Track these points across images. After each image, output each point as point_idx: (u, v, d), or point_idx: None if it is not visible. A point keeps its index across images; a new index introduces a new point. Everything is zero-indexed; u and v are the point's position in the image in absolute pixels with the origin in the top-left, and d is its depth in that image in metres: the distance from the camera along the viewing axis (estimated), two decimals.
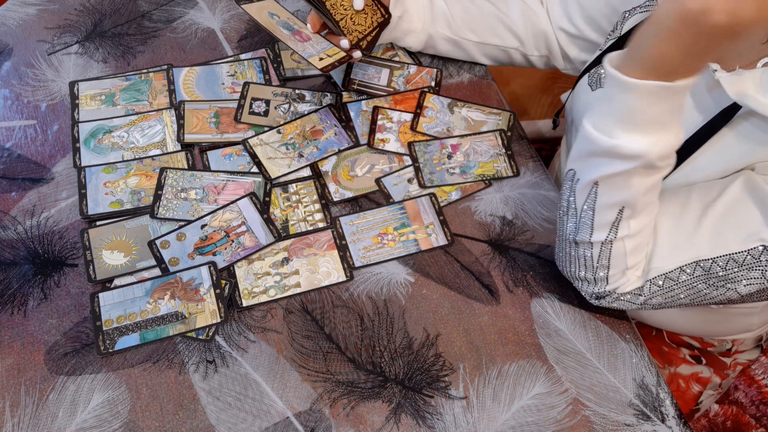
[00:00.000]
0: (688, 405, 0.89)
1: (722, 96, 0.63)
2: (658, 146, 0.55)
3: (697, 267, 0.63)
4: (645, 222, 0.63)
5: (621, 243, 0.63)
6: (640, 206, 0.61)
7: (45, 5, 0.98)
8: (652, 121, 0.55)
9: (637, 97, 0.54)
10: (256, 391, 0.67)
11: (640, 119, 0.55)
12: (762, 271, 0.60)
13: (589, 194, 0.62)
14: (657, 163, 0.57)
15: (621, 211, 0.61)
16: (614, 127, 0.56)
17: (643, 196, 0.60)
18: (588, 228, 0.64)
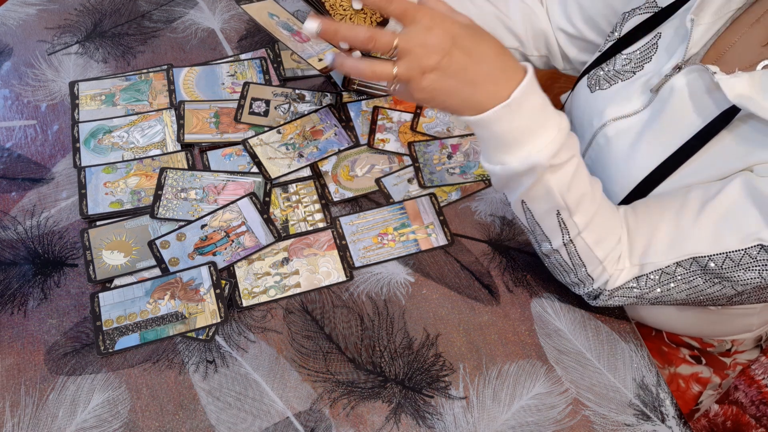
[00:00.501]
0: (688, 405, 0.89)
1: (721, 98, 0.63)
2: (544, 150, 0.57)
3: (693, 262, 0.63)
4: (589, 214, 0.64)
5: (579, 240, 0.65)
6: (572, 203, 0.62)
7: (45, 5, 0.98)
8: (522, 135, 0.58)
9: (492, 127, 0.58)
10: (256, 391, 0.67)
11: (511, 139, 0.58)
12: (759, 270, 0.60)
13: (525, 211, 0.65)
14: (554, 161, 0.58)
15: (558, 213, 0.63)
16: (498, 155, 0.60)
17: (567, 194, 0.61)
18: (544, 238, 0.67)
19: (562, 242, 0.66)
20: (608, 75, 0.78)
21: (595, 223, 0.64)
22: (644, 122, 0.72)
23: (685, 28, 0.70)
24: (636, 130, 0.72)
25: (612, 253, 0.66)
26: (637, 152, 0.71)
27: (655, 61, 0.74)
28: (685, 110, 0.68)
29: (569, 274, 0.69)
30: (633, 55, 0.77)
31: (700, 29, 0.69)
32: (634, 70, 0.76)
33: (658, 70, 0.72)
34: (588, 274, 0.67)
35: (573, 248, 0.66)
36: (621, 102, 0.75)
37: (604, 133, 0.75)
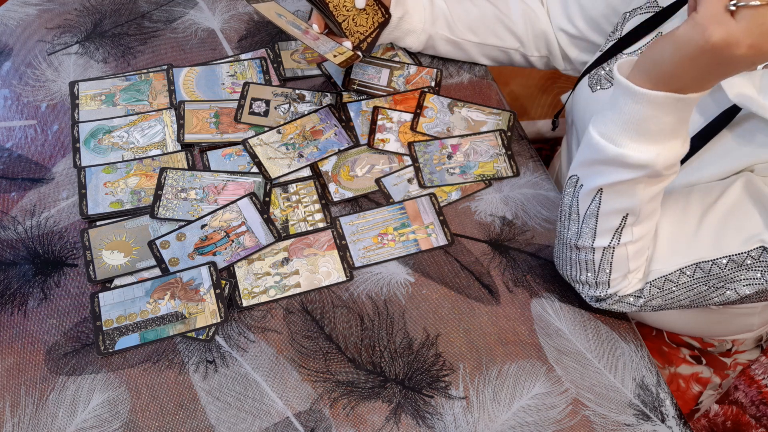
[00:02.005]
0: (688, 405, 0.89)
1: (723, 97, 0.63)
2: (664, 156, 0.55)
3: (697, 269, 0.63)
4: (648, 228, 0.63)
5: (624, 248, 0.63)
6: (644, 214, 0.61)
7: (45, 5, 0.98)
8: (660, 131, 0.55)
9: (647, 108, 0.54)
10: (256, 391, 0.67)
11: (649, 129, 0.55)
12: (762, 271, 0.60)
13: (593, 201, 0.62)
14: (663, 172, 0.57)
15: (625, 218, 0.61)
16: (621, 136, 0.56)
17: (647, 204, 0.60)
18: (591, 233, 0.64)
19: (608, 244, 0.64)
20: (609, 75, 0.78)
21: (645, 238, 0.64)
22: None
23: None
24: None
25: (640, 267, 0.65)
26: None
27: None
28: None
29: (588, 273, 0.68)
30: (634, 55, 0.77)
31: None
32: None
33: None
34: (608, 280, 0.66)
35: (611, 254, 0.64)
36: None
37: None
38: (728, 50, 0.48)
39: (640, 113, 0.54)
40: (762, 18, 0.46)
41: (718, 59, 0.49)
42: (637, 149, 0.56)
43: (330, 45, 0.79)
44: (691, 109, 0.55)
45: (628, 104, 0.55)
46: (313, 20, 0.81)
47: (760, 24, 0.46)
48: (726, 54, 0.48)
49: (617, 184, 0.59)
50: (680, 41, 0.50)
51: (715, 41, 0.48)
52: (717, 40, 0.48)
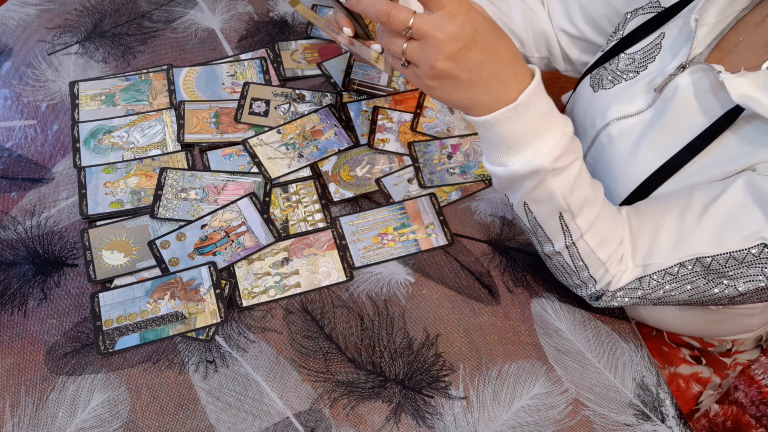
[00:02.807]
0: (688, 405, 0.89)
1: (726, 98, 0.63)
2: (547, 153, 0.57)
3: (697, 263, 0.63)
4: (591, 216, 0.63)
5: (582, 242, 0.64)
6: (574, 206, 0.62)
7: (45, 5, 0.98)
8: (526, 138, 0.57)
9: (497, 129, 0.57)
10: (256, 391, 0.67)
11: (515, 141, 0.58)
12: (761, 268, 0.60)
13: (527, 213, 0.64)
14: (557, 165, 0.58)
15: (561, 216, 0.63)
16: (502, 157, 0.59)
17: (570, 196, 0.61)
18: (546, 240, 0.66)
19: (564, 244, 0.65)
20: (611, 74, 0.78)
21: (597, 225, 0.64)
22: (647, 122, 0.72)
23: (689, 28, 0.70)
24: (639, 129, 0.72)
25: (614, 254, 0.66)
26: (639, 152, 0.71)
27: (658, 61, 0.74)
28: (689, 110, 0.67)
29: (571, 276, 0.69)
30: (636, 55, 0.77)
31: (704, 29, 0.69)
32: (638, 69, 0.76)
33: (662, 69, 0.72)
34: (590, 275, 0.67)
35: (575, 250, 0.66)
36: (624, 102, 0.75)
37: (608, 132, 0.75)
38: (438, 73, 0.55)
39: (498, 135, 0.58)
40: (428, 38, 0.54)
41: (453, 78, 0.55)
42: (519, 162, 0.58)
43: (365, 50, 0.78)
44: (541, 104, 0.57)
45: (485, 133, 0.59)
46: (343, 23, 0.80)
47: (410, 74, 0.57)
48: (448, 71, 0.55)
49: (530, 193, 0.61)
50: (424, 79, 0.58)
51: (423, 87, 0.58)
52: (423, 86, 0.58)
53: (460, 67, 0.54)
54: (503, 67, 0.55)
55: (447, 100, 0.58)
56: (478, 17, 0.55)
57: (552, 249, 0.67)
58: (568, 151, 0.59)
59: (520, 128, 0.57)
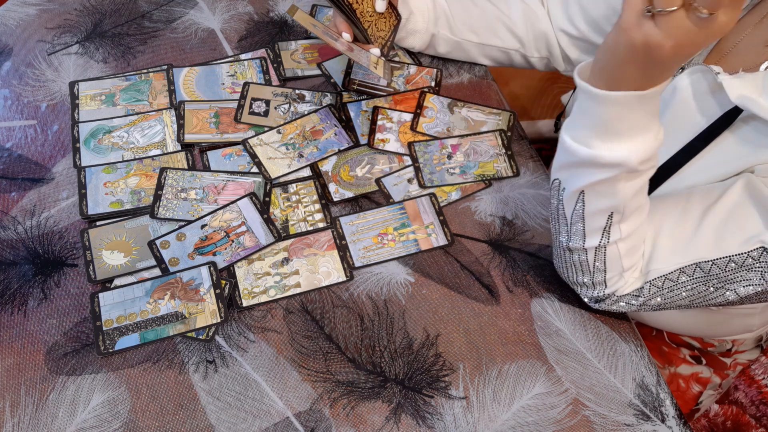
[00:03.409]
0: (688, 405, 0.89)
1: (724, 99, 0.63)
2: (637, 152, 0.56)
3: (696, 269, 0.63)
4: (636, 224, 0.63)
5: (614, 247, 0.63)
6: (628, 210, 0.61)
7: (45, 5, 0.98)
8: (628, 129, 0.55)
9: (609, 108, 0.54)
10: (256, 391, 0.67)
11: (616, 128, 0.55)
12: (761, 272, 0.60)
13: (577, 202, 0.62)
14: (639, 167, 0.57)
15: (610, 216, 0.61)
16: (592, 138, 0.57)
17: (630, 200, 0.60)
18: (580, 235, 0.64)
19: (598, 244, 0.64)
20: None
21: (635, 235, 0.63)
22: None
23: None
24: None
25: (636, 264, 0.65)
26: None
27: None
28: (688, 111, 0.68)
29: (584, 275, 0.68)
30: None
31: None
32: None
33: None
34: (604, 279, 0.67)
35: (603, 253, 0.64)
36: None
37: None
38: (653, 52, 0.49)
39: (604, 114, 0.55)
40: (679, 21, 0.47)
41: (647, 60, 0.50)
42: (608, 149, 0.56)
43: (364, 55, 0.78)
44: (655, 103, 0.55)
45: (592, 107, 0.56)
46: (342, 28, 0.79)
47: (678, 27, 0.47)
48: (653, 55, 0.49)
49: (596, 185, 0.59)
50: (611, 46, 0.52)
51: (637, 44, 0.49)
52: (639, 44, 0.49)
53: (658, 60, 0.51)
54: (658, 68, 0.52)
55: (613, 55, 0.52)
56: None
57: (581, 245, 0.65)
58: (653, 158, 0.58)
59: (629, 117, 0.55)
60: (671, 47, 0.48)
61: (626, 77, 0.53)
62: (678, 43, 0.47)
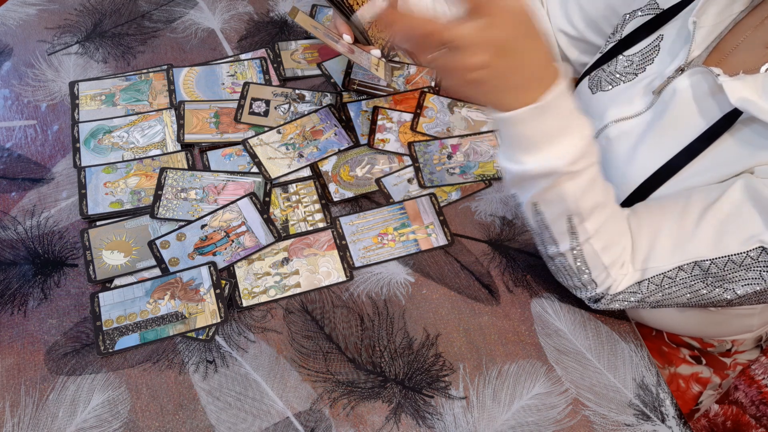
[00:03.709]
0: (688, 405, 0.89)
1: (724, 101, 0.63)
2: (565, 155, 0.57)
3: (695, 266, 0.63)
4: (600, 220, 0.63)
5: (587, 245, 0.64)
6: (584, 210, 0.62)
7: (45, 5, 0.98)
8: (545, 138, 0.57)
9: (517, 126, 0.57)
10: (256, 391, 0.67)
11: (534, 141, 0.58)
12: (760, 271, 0.60)
13: (535, 213, 0.64)
14: (572, 168, 0.58)
15: (570, 219, 0.63)
16: (518, 154, 0.59)
17: (581, 200, 0.61)
18: (551, 241, 0.66)
19: (570, 247, 0.65)
20: (610, 76, 0.78)
21: (605, 229, 0.64)
22: (646, 124, 0.72)
23: (687, 30, 0.70)
24: (637, 132, 0.72)
25: (618, 259, 0.66)
26: (638, 154, 0.71)
27: (657, 63, 0.74)
28: (688, 112, 0.67)
29: (573, 278, 0.69)
30: (634, 57, 0.77)
31: (702, 31, 0.69)
32: (636, 71, 0.76)
33: (661, 72, 0.72)
34: (592, 279, 0.67)
35: (581, 253, 0.65)
36: (623, 104, 0.75)
37: (606, 134, 0.75)
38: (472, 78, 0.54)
39: (517, 132, 0.58)
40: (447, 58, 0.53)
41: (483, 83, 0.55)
42: (535, 161, 0.58)
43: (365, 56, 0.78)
44: (565, 105, 0.57)
45: (505, 128, 0.59)
46: (342, 30, 0.79)
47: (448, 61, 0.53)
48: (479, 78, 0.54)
49: (542, 194, 0.61)
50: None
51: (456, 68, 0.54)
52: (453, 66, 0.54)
53: (491, 75, 0.54)
54: (533, 70, 0.55)
55: (474, 99, 0.59)
56: (512, 22, 0.53)
57: (556, 251, 0.67)
58: (586, 155, 0.58)
59: (541, 128, 0.57)
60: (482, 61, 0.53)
61: (498, 99, 0.57)
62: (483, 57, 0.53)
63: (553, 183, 0.59)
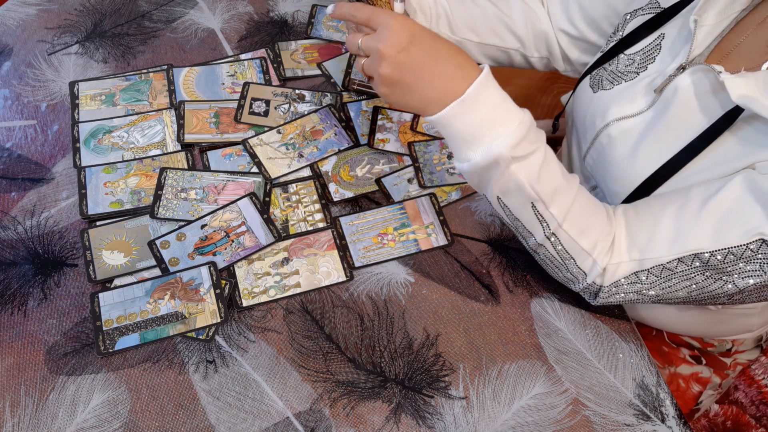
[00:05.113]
0: (688, 405, 0.89)
1: (726, 99, 0.63)
2: (503, 142, 0.60)
3: (695, 258, 0.63)
4: (566, 204, 0.65)
5: (561, 232, 0.66)
6: (545, 195, 0.63)
7: (45, 5, 0.98)
8: (481, 130, 0.60)
9: (452, 122, 0.61)
10: (256, 391, 0.67)
11: (471, 135, 0.61)
12: (760, 263, 0.60)
13: (503, 207, 0.66)
14: (516, 153, 0.60)
15: (534, 206, 0.64)
16: (463, 151, 0.63)
17: (537, 184, 0.62)
18: (527, 233, 0.68)
19: (544, 235, 0.66)
20: (611, 75, 0.78)
21: (574, 214, 0.65)
22: (648, 123, 0.72)
23: (688, 29, 0.70)
24: (639, 130, 0.72)
25: (600, 243, 0.66)
26: (639, 152, 0.71)
27: (658, 62, 0.74)
28: (689, 110, 0.67)
29: (561, 269, 0.69)
30: (636, 56, 0.77)
31: (704, 30, 0.69)
32: (638, 70, 0.76)
33: (662, 70, 0.72)
34: (579, 267, 0.67)
35: (557, 240, 0.66)
36: (624, 102, 0.75)
37: (608, 133, 0.75)
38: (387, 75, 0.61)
39: (454, 130, 0.61)
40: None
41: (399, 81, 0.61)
42: (478, 153, 0.61)
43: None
44: (493, 95, 0.60)
45: (444, 129, 0.63)
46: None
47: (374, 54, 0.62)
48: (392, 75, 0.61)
49: (499, 185, 0.63)
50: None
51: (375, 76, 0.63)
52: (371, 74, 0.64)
53: (403, 70, 0.59)
54: (446, 63, 0.60)
55: (402, 104, 0.63)
56: (415, 25, 0.60)
57: (535, 242, 0.68)
58: (528, 140, 0.61)
59: (474, 120, 0.60)
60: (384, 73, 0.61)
61: (420, 111, 0.62)
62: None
63: (504, 171, 0.61)
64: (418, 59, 0.60)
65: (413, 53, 0.60)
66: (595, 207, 0.68)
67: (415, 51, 0.60)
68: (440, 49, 0.61)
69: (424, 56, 0.60)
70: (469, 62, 0.61)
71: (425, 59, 0.60)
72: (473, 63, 0.61)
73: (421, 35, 0.61)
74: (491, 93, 0.60)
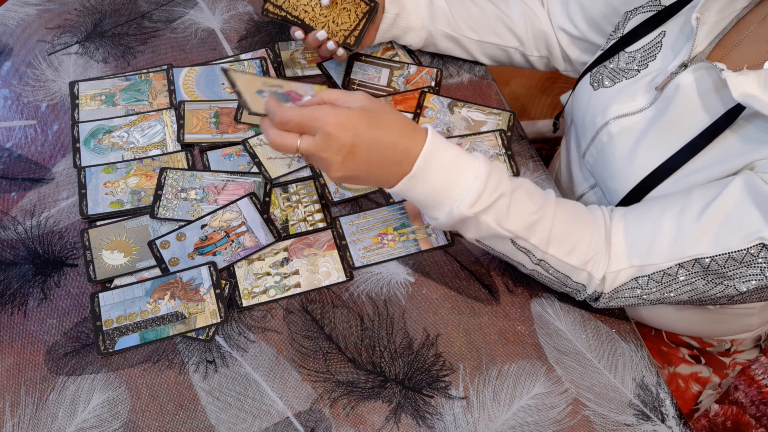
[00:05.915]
0: (687, 405, 0.89)
1: (727, 96, 0.63)
2: (462, 203, 0.60)
3: (696, 264, 0.63)
4: (545, 231, 0.65)
5: (549, 257, 0.66)
6: (520, 232, 0.64)
7: (45, 5, 0.98)
8: (437, 195, 0.61)
9: (408, 195, 0.62)
10: (256, 391, 0.67)
11: (430, 201, 0.62)
12: (761, 268, 0.60)
13: (485, 246, 0.68)
14: (479, 208, 0.61)
15: (514, 242, 0.65)
16: (429, 212, 0.64)
17: (510, 226, 0.63)
18: (516, 263, 0.69)
19: (533, 263, 0.67)
20: (612, 73, 0.78)
21: (556, 236, 0.65)
22: (648, 120, 0.72)
23: (690, 27, 0.70)
24: (640, 128, 0.72)
25: (591, 257, 0.66)
26: (640, 150, 0.71)
27: (660, 60, 0.74)
28: (691, 108, 0.67)
29: (560, 286, 0.70)
30: (637, 53, 0.77)
31: (705, 27, 0.69)
32: (639, 68, 0.76)
33: (663, 68, 0.72)
34: (576, 282, 0.68)
35: (547, 265, 0.67)
36: (625, 100, 0.75)
37: (608, 130, 0.75)
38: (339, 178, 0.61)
39: (413, 199, 0.63)
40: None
41: (352, 178, 0.61)
42: (442, 215, 0.62)
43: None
44: (443, 163, 0.60)
45: (403, 197, 0.64)
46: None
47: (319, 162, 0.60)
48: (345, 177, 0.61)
49: (473, 233, 0.64)
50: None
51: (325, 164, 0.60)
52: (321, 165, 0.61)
53: (351, 170, 0.59)
54: (392, 151, 0.59)
55: (360, 185, 0.67)
56: (353, 118, 0.58)
57: (526, 269, 0.69)
58: (488, 191, 0.61)
59: (428, 188, 0.61)
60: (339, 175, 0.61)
61: (379, 183, 0.62)
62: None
63: (473, 222, 0.62)
64: (364, 157, 0.59)
65: (359, 154, 0.58)
66: (577, 219, 0.67)
67: (360, 151, 0.58)
68: (383, 138, 0.59)
69: (369, 153, 0.59)
70: (413, 135, 0.60)
71: (370, 155, 0.59)
72: (418, 136, 0.60)
73: (361, 131, 0.58)
74: (439, 158, 0.60)
